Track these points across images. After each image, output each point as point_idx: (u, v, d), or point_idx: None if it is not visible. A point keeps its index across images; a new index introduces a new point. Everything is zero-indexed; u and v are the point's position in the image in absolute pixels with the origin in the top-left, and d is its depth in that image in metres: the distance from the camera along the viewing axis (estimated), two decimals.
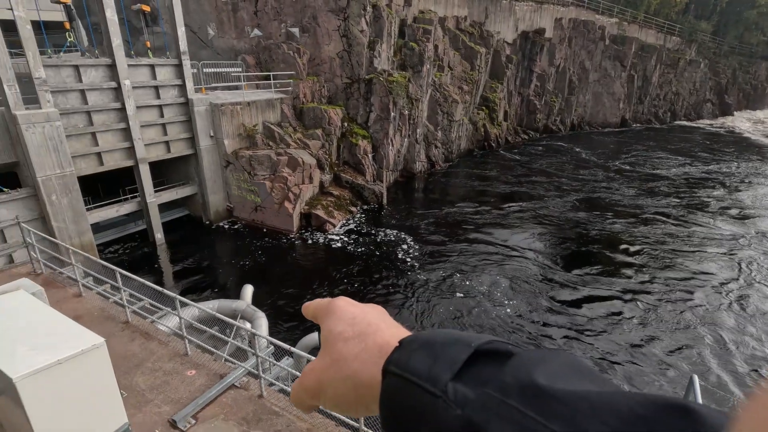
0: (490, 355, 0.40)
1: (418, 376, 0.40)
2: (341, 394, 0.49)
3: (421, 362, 0.41)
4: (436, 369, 0.39)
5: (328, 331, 0.54)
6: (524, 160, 30.11)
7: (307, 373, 0.53)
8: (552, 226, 19.58)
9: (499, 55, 32.43)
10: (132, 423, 5.81)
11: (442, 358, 0.40)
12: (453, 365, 0.39)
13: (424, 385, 0.39)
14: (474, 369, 0.39)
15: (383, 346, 0.48)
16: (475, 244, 17.41)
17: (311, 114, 20.71)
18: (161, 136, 16.72)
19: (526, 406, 0.33)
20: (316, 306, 0.60)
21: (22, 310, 2.72)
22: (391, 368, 0.43)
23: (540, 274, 15.35)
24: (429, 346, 0.42)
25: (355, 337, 0.51)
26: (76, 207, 13.99)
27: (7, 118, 12.42)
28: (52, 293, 8.65)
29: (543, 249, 17.34)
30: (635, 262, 16.53)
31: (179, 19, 16.17)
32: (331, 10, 21.08)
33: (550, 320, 12.81)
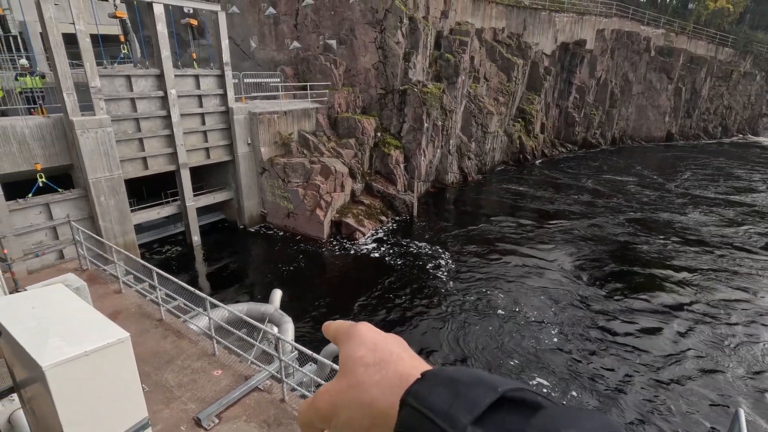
0: (517, 404, 0.38)
1: (435, 413, 0.38)
2: (355, 420, 0.48)
3: (441, 399, 0.39)
4: (456, 409, 0.37)
5: (347, 355, 0.52)
6: (562, 174, 29.19)
7: (321, 395, 0.52)
8: (594, 246, 18.52)
9: (537, 66, 31.89)
10: (159, 418, 6.00)
11: (464, 398, 0.38)
12: (475, 408, 0.37)
13: (441, 424, 0.37)
14: (497, 416, 0.37)
15: (404, 376, 0.47)
16: (510, 262, 16.74)
17: (345, 123, 21.05)
18: (202, 142, 17.46)
19: None
20: (337, 328, 0.59)
21: (58, 302, 2.89)
22: (409, 400, 0.41)
23: (580, 297, 14.48)
24: (452, 383, 0.40)
25: (375, 363, 0.49)
26: (122, 208, 14.79)
27: (64, 123, 13.36)
28: (94, 289, 9.14)
29: (584, 270, 16.32)
30: (689, 291, 15.19)
31: (224, 33, 16.94)
32: (368, 22, 21.48)
33: (590, 349, 12.01)
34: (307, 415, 0.53)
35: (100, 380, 2.54)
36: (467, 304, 13.93)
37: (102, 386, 2.58)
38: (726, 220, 22.19)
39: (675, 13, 43.77)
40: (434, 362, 11.19)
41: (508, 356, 11.60)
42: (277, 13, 22.62)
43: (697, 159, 35.78)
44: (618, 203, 24.12)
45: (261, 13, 22.88)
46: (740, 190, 27.65)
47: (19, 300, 3.04)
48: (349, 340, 0.54)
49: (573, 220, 21.24)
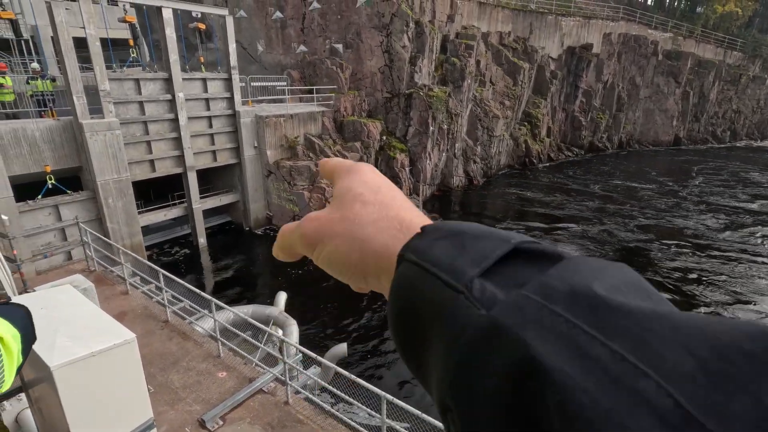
0: (533, 257, 0.33)
1: (438, 266, 0.33)
2: (342, 253, 0.44)
3: (443, 252, 0.34)
4: (461, 261, 0.33)
5: (346, 188, 0.48)
6: (569, 179, 29.05)
7: (310, 220, 0.48)
8: (604, 252, 18.23)
9: (543, 70, 31.83)
10: (164, 419, 6.03)
11: (470, 250, 0.34)
12: (483, 260, 0.32)
13: (444, 277, 0.32)
14: (509, 269, 0.32)
15: (405, 222, 0.43)
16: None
17: (351, 127, 21.12)
18: (209, 145, 17.60)
19: (578, 316, 0.25)
20: (338, 163, 0.54)
21: (66, 303, 2.93)
22: (408, 255, 0.36)
23: None
24: (456, 235, 0.36)
25: (375, 203, 0.45)
26: (130, 210, 14.93)
27: (74, 126, 13.53)
28: (102, 290, 9.23)
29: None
30: (705, 298, 14.93)
31: (231, 36, 17.10)
32: (374, 26, 21.58)
33: None
34: (290, 237, 0.50)
35: (106, 381, 2.58)
36: None
37: (108, 387, 2.61)
38: (742, 227, 21.75)
39: (683, 16, 43.55)
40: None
41: None
42: (284, 17, 22.80)
43: (709, 163, 35.39)
44: (628, 208, 23.79)
45: (268, 18, 23.07)
46: (757, 197, 27.10)
47: (29, 301, 3.08)
48: (351, 174, 0.50)
49: (582, 226, 21.01)
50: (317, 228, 0.47)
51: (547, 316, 0.26)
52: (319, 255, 0.46)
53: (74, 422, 2.54)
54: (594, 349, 0.24)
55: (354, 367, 10.80)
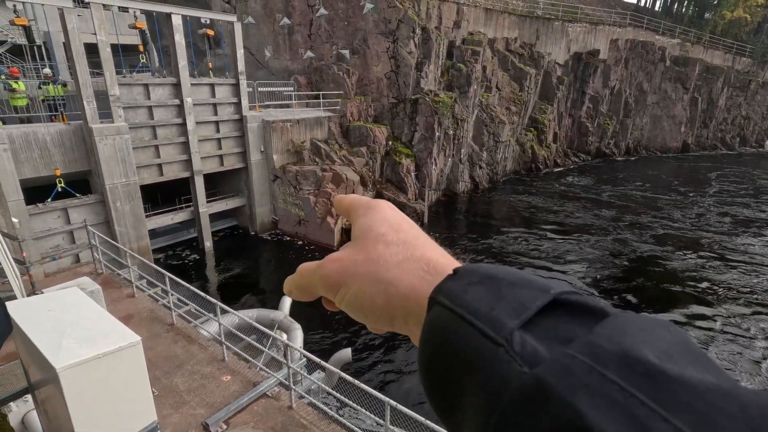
0: (574, 310, 0.31)
1: (474, 314, 0.32)
2: (367, 296, 0.42)
3: (480, 299, 0.32)
4: (500, 311, 0.31)
5: (366, 228, 0.46)
6: (576, 185, 28.87)
7: (331, 261, 0.46)
8: (616, 260, 17.65)
9: (550, 76, 31.80)
10: (168, 423, 6.04)
11: (508, 299, 0.32)
12: (522, 311, 0.31)
13: (480, 326, 0.31)
14: (549, 321, 0.30)
15: (432, 263, 0.42)
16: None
17: (357, 132, 21.20)
18: (216, 150, 17.74)
19: (633, 384, 0.24)
20: (355, 200, 0.52)
21: (74, 305, 2.95)
22: (440, 298, 0.35)
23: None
24: (492, 280, 0.34)
25: (399, 243, 0.44)
26: (137, 213, 15.06)
27: (84, 130, 13.71)
28: (108, 292, 9.29)
29: (607, 289, 15.56)
30: (725, 310, 14.37)
31: (239, 42, 17.28)
32: (381, 32, 21.71)
33: None
34: (310, 278, 0.48)
35: (111, 383, 2.59)
36: None
37: (113, 389, 2.63)
38: (763, 236, 21.08)
39: (691, 22, 43.33)
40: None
41: None
42: (292, 23, 23.01)
43: (725, 169, 34.81)
44: (642, 216, 23.21)
45: (276, 24, 23.30)
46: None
47: (37, 302, 3.12)
48: (370, 213, 0.49)
49: (594, 235, 20.47)
50: (340, 270, 0.45)
51: (598, 380, 0.24)
52: (342, 298, 0.45)
53: (79, 424, 2.55)
54: (655, 424, 0.22)
55: (358, 373, 10.76)
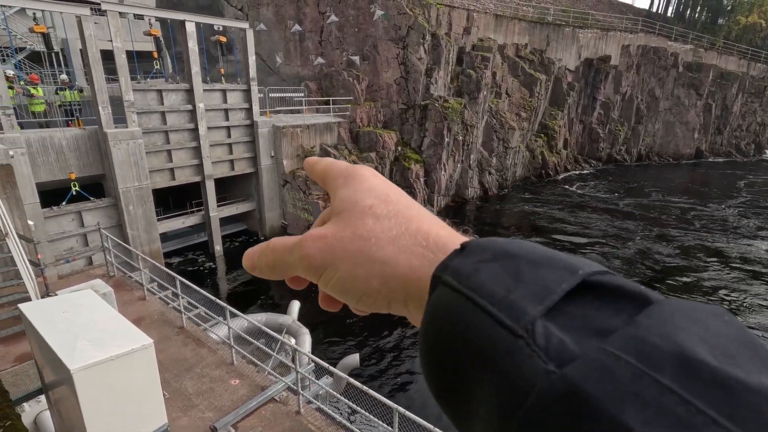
0: (608, 294, 0.26)
1: (489, 298, 0.27)
2: (360, 278, 0.37)
3: (495, 280, 0.27)
4: (519, 295, 0.26)
5: (350, 201, 0.40)
6: (587, 191, 28.58)
7: (313, 240, 0.39)
8: (630, 271, 17.15)
9: (560, 82, 31.66)
10: (177, 426, 6.07)
11: (528, 280, 0.27)
12: (546, 296, 0.26)
13: (495, 313, 0.26)
14: (577, 308, 0.25)
15: (431, 237, 0.36)
16: None
17: (366, 137, 21.29)
18: (227, 154, 17.93)
19: (698, 395, 0.19)
20: (331, 166, 0.45)
21: (87, 307, 3.00)
22: (446, 278, 0.30)
23: None
24: (509, 259, 0.29)
25: (390, 216, 0.38)
26: (149, 217, 15.25)
27: (99, 135, 13.97)
28: (120, 295, 9.40)
29: None
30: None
31: (251, 49, 17.51)
32: (391, 39, 21.84)
33: None
34: (285, 257, 0.41)
35: (123, 385, 2.62)
36: None
37: (125, 391, 2.65)
38: None
39: (704, 28, 42.90)
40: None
41: None
42: (303, 30, 23.26)
43: (748, 177, 34.08)
44: (660, 224, 22.51)
45: (287, 30, 23.57)
46: None
47: (51, 304, 3.17)
48: (350, 182, 0.42)
49: (606, 242, 19.99)
50: (324, 249, 0.38)
51: (651, 388, 0.19)
52: (328, 280, 0.38)
53: (92, 425, 2.58)
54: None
55: (366, 379, 10.72)
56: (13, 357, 7.11)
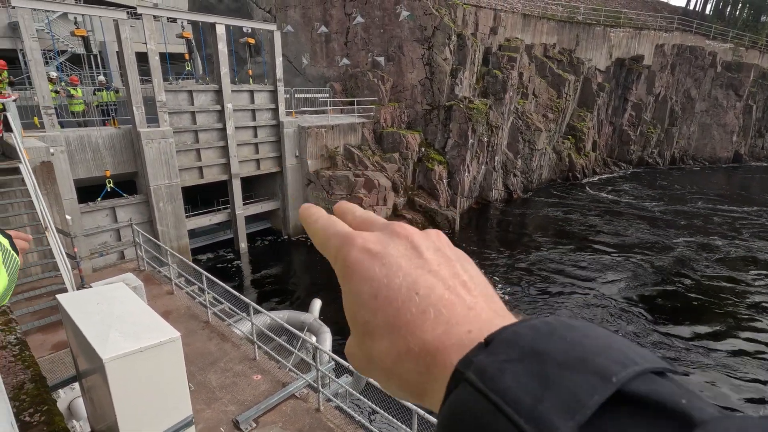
0: (646, 411, 0.23)
1: (514, 405, 0.24)
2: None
3: (521, 385, 0.25)
4: (548, 407, 0.24)
5: (347, 308, 0.37)
6: (617, 195, 27.67)
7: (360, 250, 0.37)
8: (665, 281, 16.28)
9: (590, 82, 30.86)
10: (201, 417, 6.23)
11: (557, 388, 0.24)
12: (576, 408, 0.23)
13: (524, 426, 0.24)
14: (612, 426, 0.22)
15: (430, 354, 0.31)
16: (558, 291, 15.27)
17: (390, 138, 21.32)
18: (253, 154, 18.29)
19: None
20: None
21: (119, 300, 3.12)
22: (470, 375, 0.27)
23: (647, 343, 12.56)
24: (536, 359, 0.26)
25: (383, 333, 0.33)
26: (178, 214, 15.72)
27: (132, 134, 14.50)
28: (149, 289, 9.73)
29: (651, 313, 14.13)
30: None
31: (278, 50, 17.81)
32: (416, 39, 21.80)
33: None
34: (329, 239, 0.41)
35: (152, 375, 2.72)
36: None
37: (153, 381, 2.75)
38: None
39: (745, 26, 40.96)
40: None
41: None
42: (329, 31, 23.49)
43: None
44: (698, 232, 21.17)
45: (314, 32, 23.86)
46: None
47: (86, 296, 3.32)
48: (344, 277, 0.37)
49: (638, 249, 18.97)
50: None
51: None
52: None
53: (121, 413, 2.69)
54: None
55: None
56: (50, 345, 7.46)
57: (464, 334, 0.31)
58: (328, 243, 0.40)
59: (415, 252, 0.36)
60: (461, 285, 0.35)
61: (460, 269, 0.36)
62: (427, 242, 0.38)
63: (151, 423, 2.87)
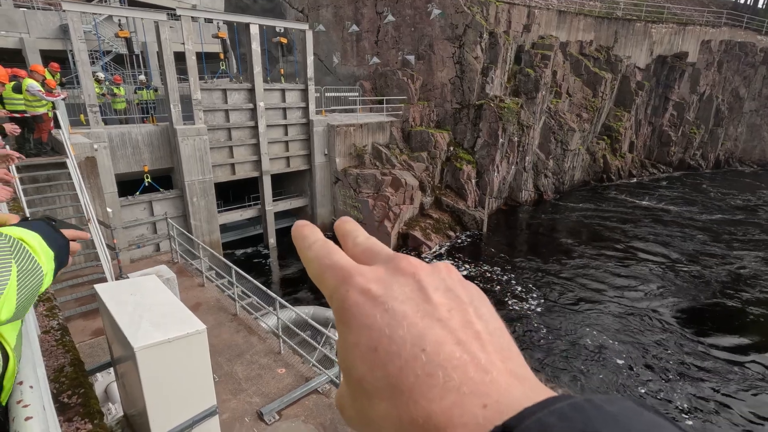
0: None
1: None
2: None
3: None
4: None
5: (342, 356, 0.32)
6: (656, 199, 26.42)
7: (363, 294, 0.32)
8: (710, 295, 15.18)
9: (628, 81, 29.67)
10: (226, 408, 6.43)
11: None
12: None
13: None
14: None
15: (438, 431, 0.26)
16: (591, 301, 14.56)
17: (419, 137, 21.24)
18: (283, 152, 18.66)
19: None
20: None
21: (151, 291, 3.27)
22: None
23: (684, 361, 11.75)
24: None
25: (382, 394, 0.29)
26: (211, 209, 16.25)
27: (169, 131, 15.08)
28: (182, 281, 10.11)
29: (690, 327, 13.29)
30: None
31: (309, 49, 18.07)
32: (447, 38, 21.60)
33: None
34: (324, 273, 0.36)
35: (179, 365, 2.85)
36: (537, 348, 12.29)
37: (180, 371, 2.88)
38: None
39: None
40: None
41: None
42: (360, 30, 23.63)
43: None
44: (756, 245, 19.49)
45: (345, 31, 24.06)
46: None
47: (121, 286, 3.50)
48: (341, 323, 0.33)
49: (680, 261, 17.63)
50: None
51: None
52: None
53: (150, 399, 2.83)
54: None
55: None
56: (90, 331, 7.89)
57: (478, 408, 0.26)
58: (323, 276, 0.36)
59: (423, 294, 0.32)
60: (475, 337, 0.30)
61: (474, 315, 0.32)
62: (436, 281, 0.33)
63: (178, 410, 3.00)
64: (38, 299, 3.17)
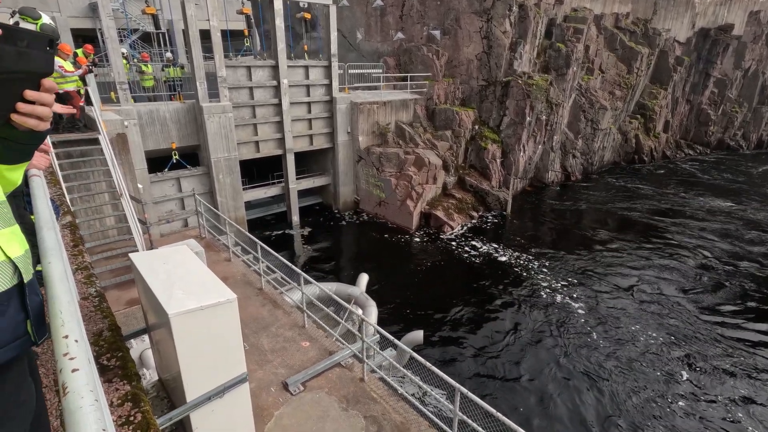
0: None
1: None
2: None
3: None
4: None
5: None
6: (691, 184, 25.29)
7: None
8: (744, 287, 14.54)
9: (666, 56, 28.11)
10: (253, 377, 6.64)
11: None
12: None
13: None
14: None
15: None
16: (620, 290, 14.16)
17: (443, 115, 20.83)
18: (307, 130, 18.65)
19: None
20: None
21: (183, 261, 3.35)
22: None
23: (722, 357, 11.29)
24: None
25: None
26: (236, 186, 16.50)
27: (196, 108, 15.25)
28: (209, 255, 10.37)
29: (726, 321, 12.77)
30: None
31: (333, 25, 17.77)
32: (474, 11, 20.84)
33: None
34: None
35: (211, 333, 2.93)
36: (562, 332, 12.13)
37: (212, 338, 2.96)
38: None
39: None
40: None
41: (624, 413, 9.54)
42: (384, 4, 23.04)
43: None
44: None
45: (369, 6, 23.51)
46: None
47: (155, 256, 3.59)
48: None
49: (721, 252, 16.84)
50: None
51: None
52: None
53: (184, 365, 2.93)
54: None
55: (428, 356, 10.83)
56: (124, 301, 8.23)
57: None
58: None
59: None
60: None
61: None
62: None
63: (210, 376, 3.10)
64: (76, 267, 3.29)
